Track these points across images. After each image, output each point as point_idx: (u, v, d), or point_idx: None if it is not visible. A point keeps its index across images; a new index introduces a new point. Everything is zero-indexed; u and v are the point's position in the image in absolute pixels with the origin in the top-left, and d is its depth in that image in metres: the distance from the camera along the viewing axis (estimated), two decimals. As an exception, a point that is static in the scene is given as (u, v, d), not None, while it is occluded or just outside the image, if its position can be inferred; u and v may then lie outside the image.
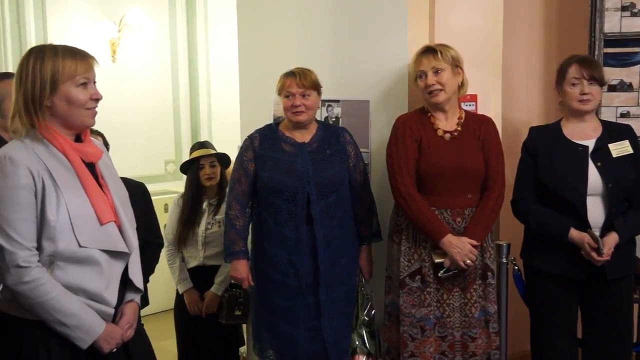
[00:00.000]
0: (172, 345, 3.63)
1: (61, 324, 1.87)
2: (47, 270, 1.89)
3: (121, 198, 2.09)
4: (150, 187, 3.26)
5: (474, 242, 2.67)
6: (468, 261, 2.65)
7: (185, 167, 3.58)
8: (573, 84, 2.76)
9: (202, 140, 4.76)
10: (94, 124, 2.03)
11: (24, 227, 1.85)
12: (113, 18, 5.35)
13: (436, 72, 2.70)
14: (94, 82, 1.99)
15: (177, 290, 3.54)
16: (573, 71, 2.76)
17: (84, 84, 1.93)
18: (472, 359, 2.78)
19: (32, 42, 4.94)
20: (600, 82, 2.79)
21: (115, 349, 2.01)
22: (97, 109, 2.00)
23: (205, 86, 6.07)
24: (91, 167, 2.01)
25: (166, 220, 3.66)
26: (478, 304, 2.75)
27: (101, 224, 1.95)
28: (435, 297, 2.75)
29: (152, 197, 3.21)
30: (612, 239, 2.65)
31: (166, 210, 4.57)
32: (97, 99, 1.97)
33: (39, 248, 1.88)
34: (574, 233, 2.69)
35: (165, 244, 3.45)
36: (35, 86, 1.87)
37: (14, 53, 4.94)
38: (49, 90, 1.89)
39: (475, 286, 2.75)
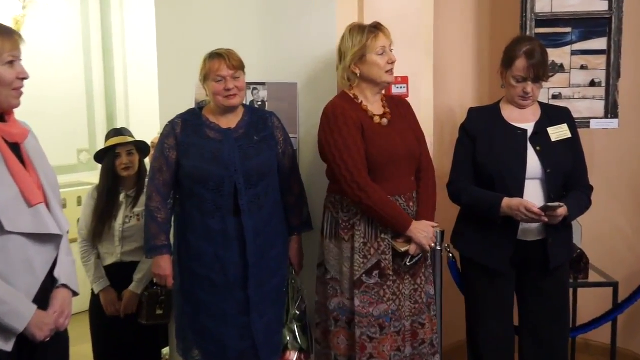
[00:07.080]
0: (88, 349, 3.50)
1: None
2: None
3: (49, 179, 2.06)
4: (62, 179, 3.13)
5: (434, 224, 2.68)
6: (432, 244, 2.67)
7: (100, 156, 3.46)
8: (518, 81, 2.72)
9: (118, 127, 4.57)
10: (19, 104, 1.99)
11: None
12: (16, -7, 5.03)
13: (391, 50, 2.64)
14: (20, 60, 1.96)
15: (92, 290, 3.42)
16: (520, 67, 2.69)
17: (11, 62, 1.91)
18: (421, 347, 2.75)
19: None
20: (544, 78, 2.76)
21: (49, 338, 1.99)
22: (23, 90, 1.98)
23: (122, 68, 5.85)
24: (16, 148, 1.98)
25: (80, 214, 3.53)
26: (424, 288, 2.77)
27: (30, 205, 1.92)
28: (392, 290, 2.69)
29: (63, 190, 3.18)
30: (563, 209, 2.60)
31: (79, 203, 4.50)
32: (24, 77, 1.95)
33: None
34: (508, 200, 2.63)
35: (79, 240, 3.37)
36: None
37: None
38: None
39: (423, 270, 2.74)
